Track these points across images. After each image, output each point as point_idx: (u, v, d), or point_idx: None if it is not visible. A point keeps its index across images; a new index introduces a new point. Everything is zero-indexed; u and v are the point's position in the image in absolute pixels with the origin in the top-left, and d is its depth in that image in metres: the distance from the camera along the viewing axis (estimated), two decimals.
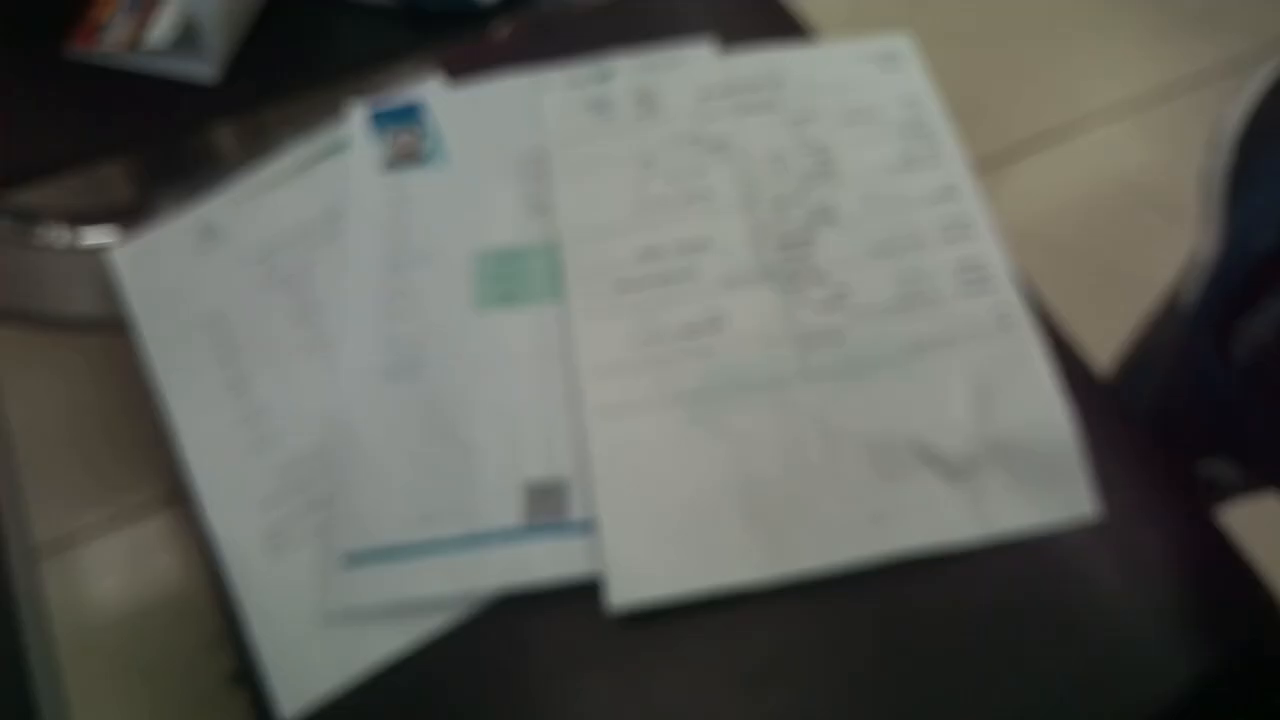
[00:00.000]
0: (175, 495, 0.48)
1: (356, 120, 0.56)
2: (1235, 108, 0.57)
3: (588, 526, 0.43)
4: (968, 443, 0.43)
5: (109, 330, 0.53)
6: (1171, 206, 1.10)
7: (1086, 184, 1.15)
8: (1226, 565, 0.44)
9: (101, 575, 0.85)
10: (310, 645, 0.43)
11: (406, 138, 0.55)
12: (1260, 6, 1.31)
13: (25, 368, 0.92)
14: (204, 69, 0.62)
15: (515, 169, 0.53)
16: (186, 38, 0.62)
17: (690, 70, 0.55)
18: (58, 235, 0.56)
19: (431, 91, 0.57)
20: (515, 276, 0.50)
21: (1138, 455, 0.45)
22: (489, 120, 0.55)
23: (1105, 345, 0.62)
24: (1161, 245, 0.62)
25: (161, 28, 0.62)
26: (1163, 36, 1.29)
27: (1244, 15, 1.30)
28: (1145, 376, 0.56)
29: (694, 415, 0.45)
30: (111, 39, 0.63)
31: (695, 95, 0.54)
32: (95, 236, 0.55)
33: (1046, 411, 0.44)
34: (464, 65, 0.58)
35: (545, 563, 0.43)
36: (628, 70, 0.56)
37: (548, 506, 0.44)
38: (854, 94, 0.53)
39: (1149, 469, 0.45)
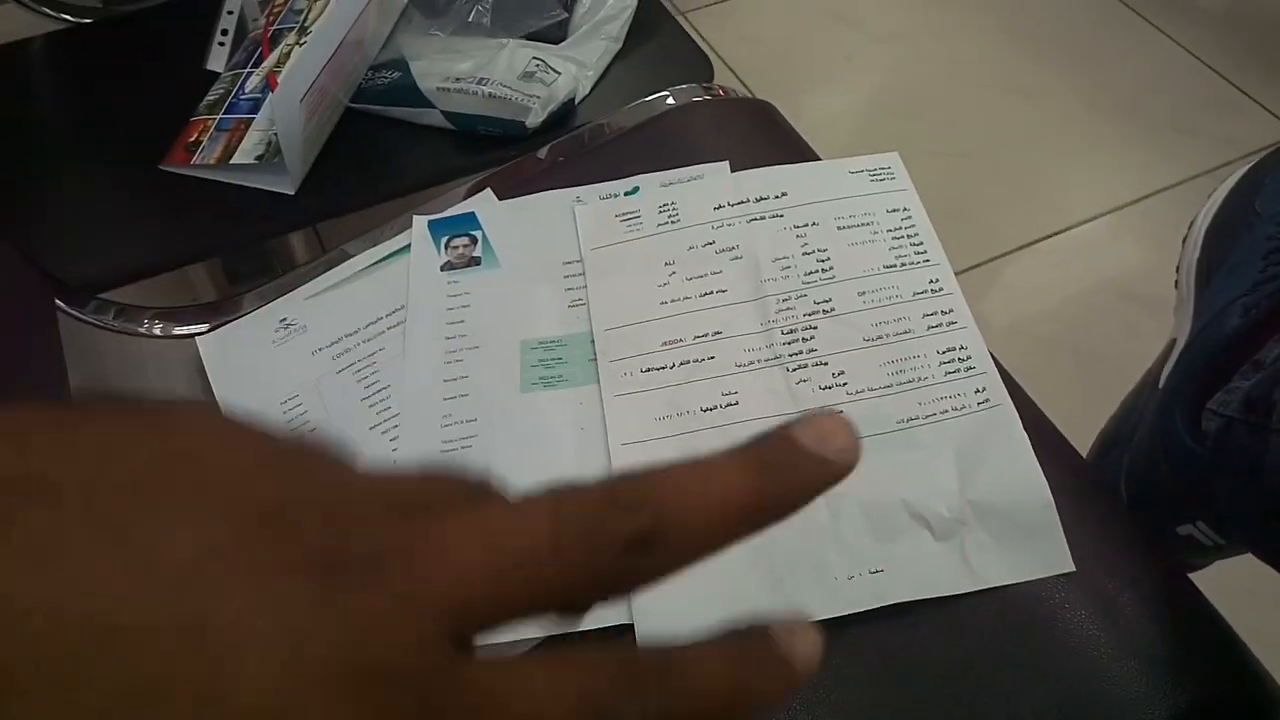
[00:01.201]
0: None
1: (417, 228, 0.64)
2: (1206, 207, 0.64)
3: None
4: (954, 507, 0.49)
5: None
6: (1150, 301, 1.17)
7: (1069, 282, 1.22)
8: (1197, 616, 0.49)
9: None
10: None
11: (461, 243, 0.63)
12: (1230, 118, 1.40)
13: None
14: (284, 182, 0.71)
15: (556, 270, 0.61)
16: (269, 155, 0.71)
17: (707, 185, 0.63)
18: (153, 325, 0.63)
19: (483, 203, 0.65)
20: (556, 363, 0.57)
21: (1111, 517, 0.51)
22: (533, 228, 0.63)
23: (1089, 426, 0.68)
24: (1140, 337, 0.68)
25: (248, 147, 0.71)
26: (1138, 147, 1.37)
27: (1215, 127, 1.39)
28: (1124, 448, 0.61)
29: None
30: (204, 156, 0.72)
31: (711, 206, 0.61)
32: (186, 327, 0.63)
33: (1025, 478, 0.49)
34: (511, 181, 0.67)
35: None
36: (652, 185, 0.64)
37: None
38: (850, 204, 0.60)
39: (1122, 529, 0.51)
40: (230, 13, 0.85)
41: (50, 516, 0.13)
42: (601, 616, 0.47)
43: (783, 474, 0.18)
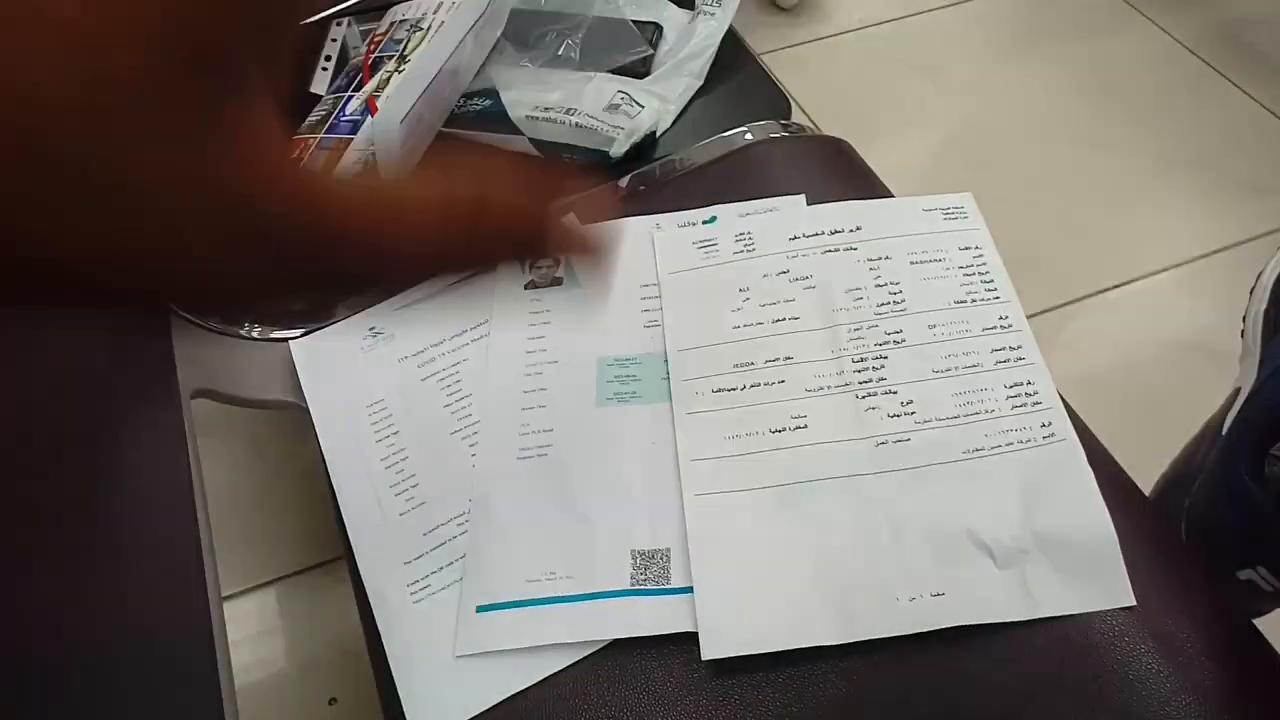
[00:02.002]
0: (338, 551, 0.57)
1: None
2: (1275, 259, 0.64)
3: (685, 590, 0.50)
4: (1016, 536, 0.50)
5: (290, 409, 0.64)
6: (1217, 355, 1.15)
7: (1135, 333, 1.21)
8: (1257, 658, 0.49)
9: (270, 620, 0.96)
10: (444, 683, 0.50)
11: (545, 265, 0.66)
12: None
13: (222, 439, 1.05)
14: None
15: (634, 292, 0.64)
16: (368, 173, 0.75)
17: (783, 217, 0.65)
18: (252, 329, 0.67)
19: None
20: (630, 380, 0.59)
21: (1173, 556, 0.51)
22: (614, 252, 0.66)
23: (1151, 474, 0.68)
24: (1206, 389, 0.68)
25: (347, 165, 0.76)
26: (1210, 203, 1.36)
27: None
28: (1185, 492, 0.61)
29: (778, 501, 0.53)
30: None
31: (786, 237, 0.64)
32: (282, 331, 0.67)
33: (1088, 511, 0.50)
34: (595, 207, 0.69)
35: (648, 619, 0.50)
36: (730, 215, 0.67)
37: (652, 572, 0.52)
38: (923, 240, 0.62)
39: (1184, 568, 0.51)
40: (334, 40, 0.90)
41: None
42: (666, 624, 0.49)
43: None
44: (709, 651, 0.48)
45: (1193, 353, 1.18)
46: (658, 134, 0.79)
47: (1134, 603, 0.48)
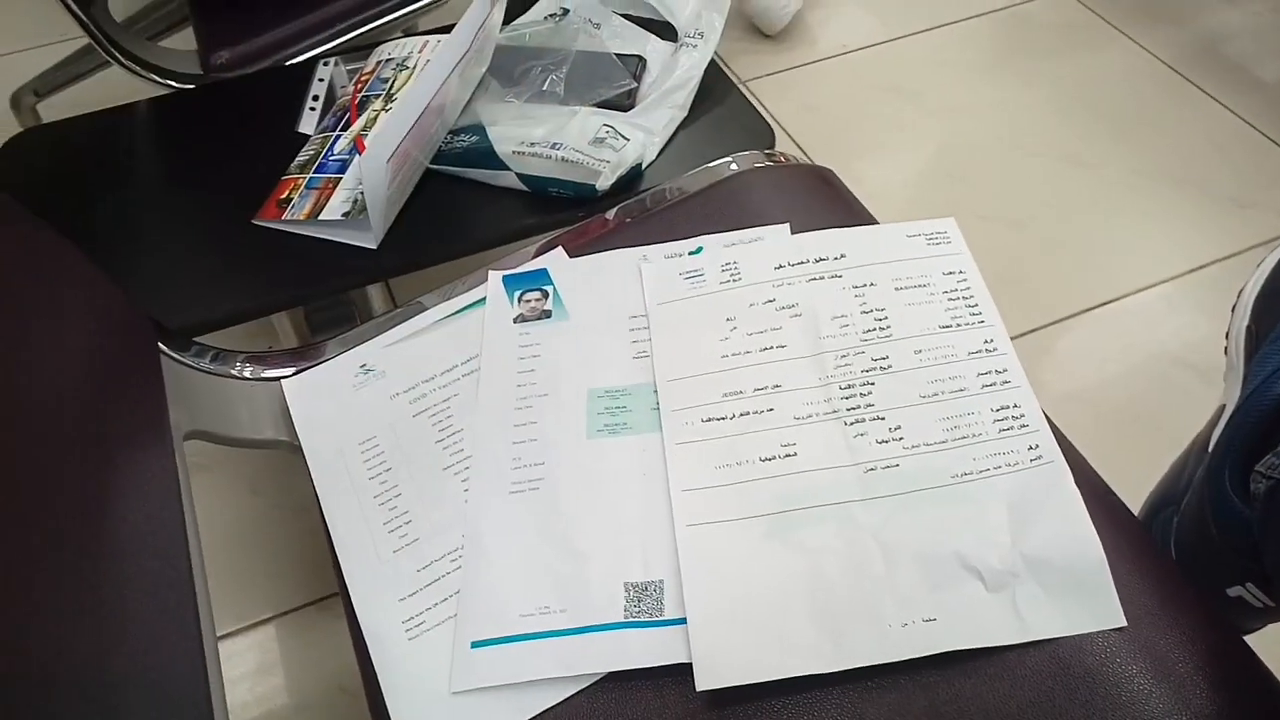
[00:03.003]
0: (334, 589, 0.57)
1: (492, 283, 0.68)
2: (1256, 275, 0.65)
3: (679, 621, 0.51)
4: (1006, 560, 0.50)
5: (283, 448, 0.64)
6: (1204, 369, 1.16)
7: (1122, 349, 1.22)
8: (1249, 676, 0.49)
9: (268, 657, 0.96)
10: (438, 718, 0.51)
11: (534, 297, 0.66)
12: None
13: (219, 476, 1.06)
14: (368, 238, 0.76)
15: (622, 324, 0.64)
16: (355, 212, 0.76)
17: (768, 246, 0.66)
18: (244, 368, 0.67)
19: (555, 260, 0.69)
20: (620, 411, 0.60)
21: (1163, 575, 0.52)
22: (601, 284, 0.66)
23: (1141, 491, 0.68)
24: (1194, 404, 0.69)
25: (335, 204, 0.76)
26: (1195, 218, 1.37)
27: (1274, 199, 1.38)
28: (1173, 510, 0.61)
29: (769, 530, 0.53)
30: (294, 212, 0.77)
31: (772, 266, 0.64)
32: (273, 370, 0.67)
33: (1077, 533, 0.51)
34: (581, 240, 0.70)
35: (642, 651, 0.50)
36: (715, 245, 0.67)
37: (645, 604, 0.52)
38: (907, 266, 0.63)
39: (1174, 588, 0.51)
40: (321, 80, 0.91)
41: None
42: (661, 656, 0.49)
43: None
44: (703, 682, 0.48)
45: (1181, 368, 1.19)
46: (643, 166, 0.80)
47: (1124, 624, 0.48)
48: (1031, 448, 0.54)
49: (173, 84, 0.96)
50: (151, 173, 0.87)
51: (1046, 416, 0.56)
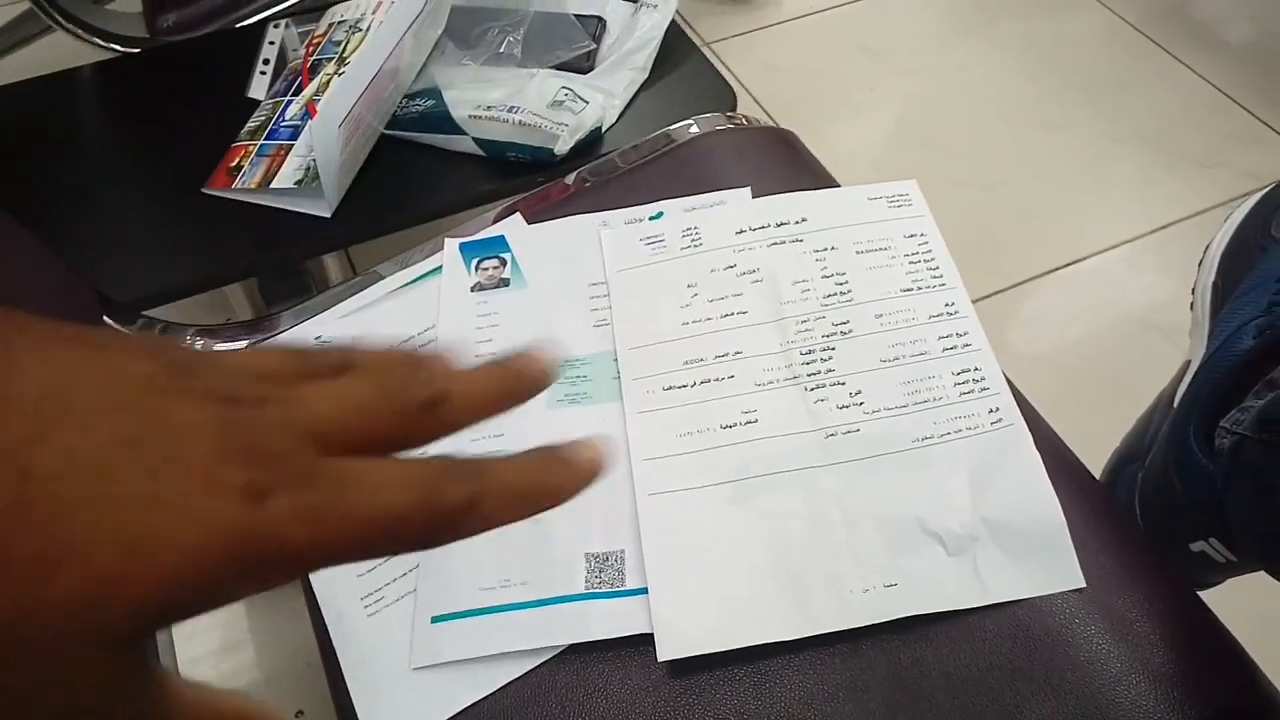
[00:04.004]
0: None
1: (449, 250, 0.66)
2: (1222, 231, 0.65)
3: (641, 591, 0.50)
4: (966, 523, 0.50)
5: None
6: (1168, 328, 1.17)
7: (1088, 309, 1.23)
8: (1208, 634, 0.50)
9: (232, 635, 0.95)
10: (401, 695, 0.50)
11: (491, 265, 0.65)
12: (1253, 151, 1.40)
13: None
14: (321, 206, 0.74)
15: (582, 291, 0.63)
16: (307, 180, 0.74)
17: (729, 210, 0.65)
18: (195, 342, 0.66)
19: (512, 227, 0.67)
20: (582, 380, 0.59)
21: (1123, 536, 0.52)
22: (560, 251, 0.65)
23: (1106, 450, 0.69)
24: (1158, 363, 0.69)
25: (287, 172, 0.74)
26: (1160, 179, 1.38)
27: (1238, 159, 1.39)
28: (1138, 466, 0.62)
29: (730, 498, 0.52)
30: (245, 181, 0.75)
31: (733, 231, 0.63)
32: (226, 344, 0.65)
33: (1036, 495, 0.51)
34: (539, 206, 0.69)
35: (604, 622, 0.50)
36: (676, 210, 0.66)
37: (606, 575, 0.51)
38: (868, 229, 0.62)
39: (1134, 548, 0.52)
40: (272, 43, 0.89)
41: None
42: (622, 626, 0.49)
43: (520, 376, 0.25)
44: (665, 652, 0.48)
45: (1145, 328, 1.20)
46: (603, 129, 0.79)
47: (1084, 585, 0.48)
48: (992, 410, 0.54)
49: (117, 48, 0.93)
50: (97, 140, 0.84)
51: (1007, 379, 0.55)
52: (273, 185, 0.74)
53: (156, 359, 0.20)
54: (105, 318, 0.62)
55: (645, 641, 0.48)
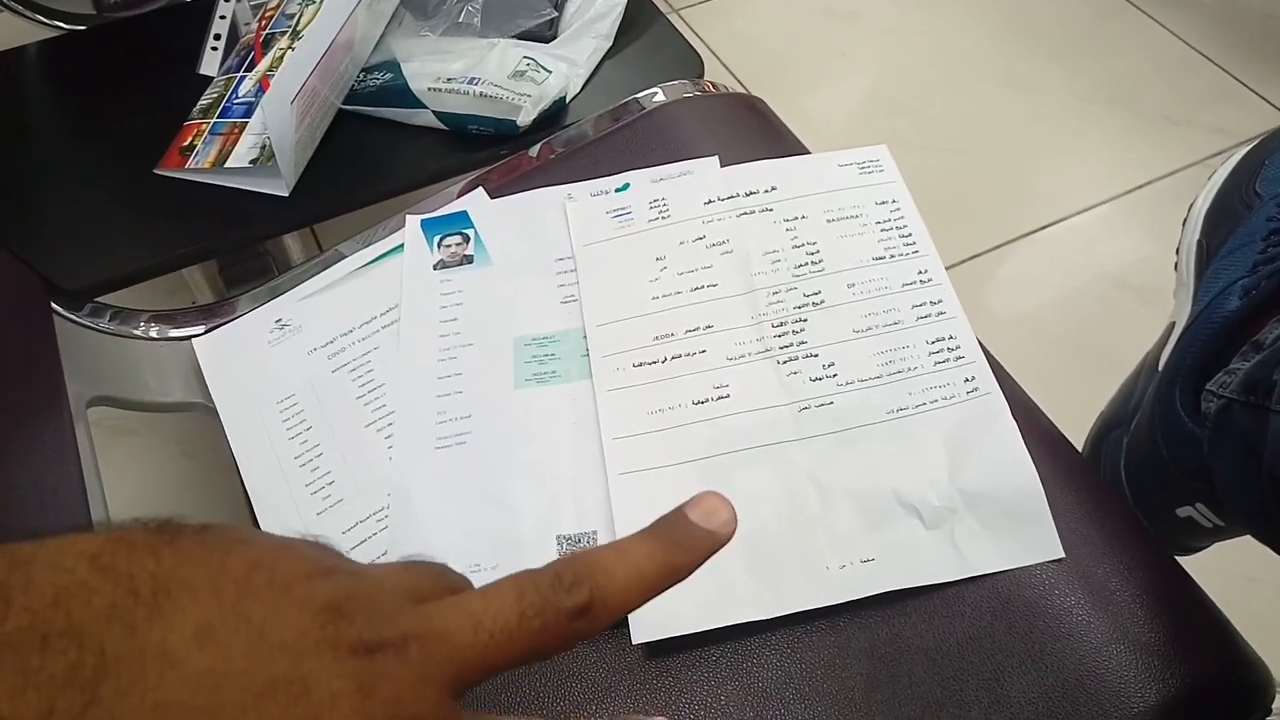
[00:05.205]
0: None
1: (410, 228, 0.64)
2: (1206, 189, 0.64)
3: None
4: (943, 496, 0.49)
5: (197, 409, 0.61)
6: (1145, 290, 1.17)
7: (1064, 272, 1.22)
8: (1187, 602, 0.49)
9: None
10: None
11: (454, 242, 0.63)
12: (1226, 108, 1.40)
13: (140, 441, 1.01)
14: (278, 185, 0.72)
15: (548, 267, 0.61)
16: (263, 159, 0.71)
17: (697, 180, 0.64)
18: (149, 328, 0.64)
19: (475, 202, 0.65)
20: (550, 359, 0.57)
21: (1101, 505, 0.51)
22: (525, 226, 0.63)
23: (1087, 415, 0.68)
24: (1137, 326, 0.68)
25: (242, 151, 0.72)
26: (1133, 138, 1.37)
27: (1211, 117, 1.39)
28: (1124, 430, 0.61)
29: (703, 475, 0.51)
30: (198, 160, 0.73)
31: (701, 201, 0.62)
32: (182, 329, 0.63)
33: (1014, 465, 0.50)
34: (503, 180, 0.67)
35: None
36: (643, 181, 0.65)
37: None
38: (839, 196, 0.60)
39: (1112, 516, 0.51)
40: (223, 18, 0.86)
41: (195, 603, 0.20)
42: None
43: (681, 548, 0.25)
44: (639, 635, 0.47)
45: (1121, 289, 1.19)
46: (567, 99, 0.77)
47: (1063, 555, 0.48)
48: (967, 379, 0.53)
49: (62, 25, 0.90)
50: (42, 121, 0.81)
51: (983, 347, 0.54)
52: (227, 165, 0.72)
53: (309, 607, 0.21)
54: (53, 305, 0.59)
55: (619, 625, 0.47)
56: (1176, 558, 0.51)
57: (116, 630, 0.19)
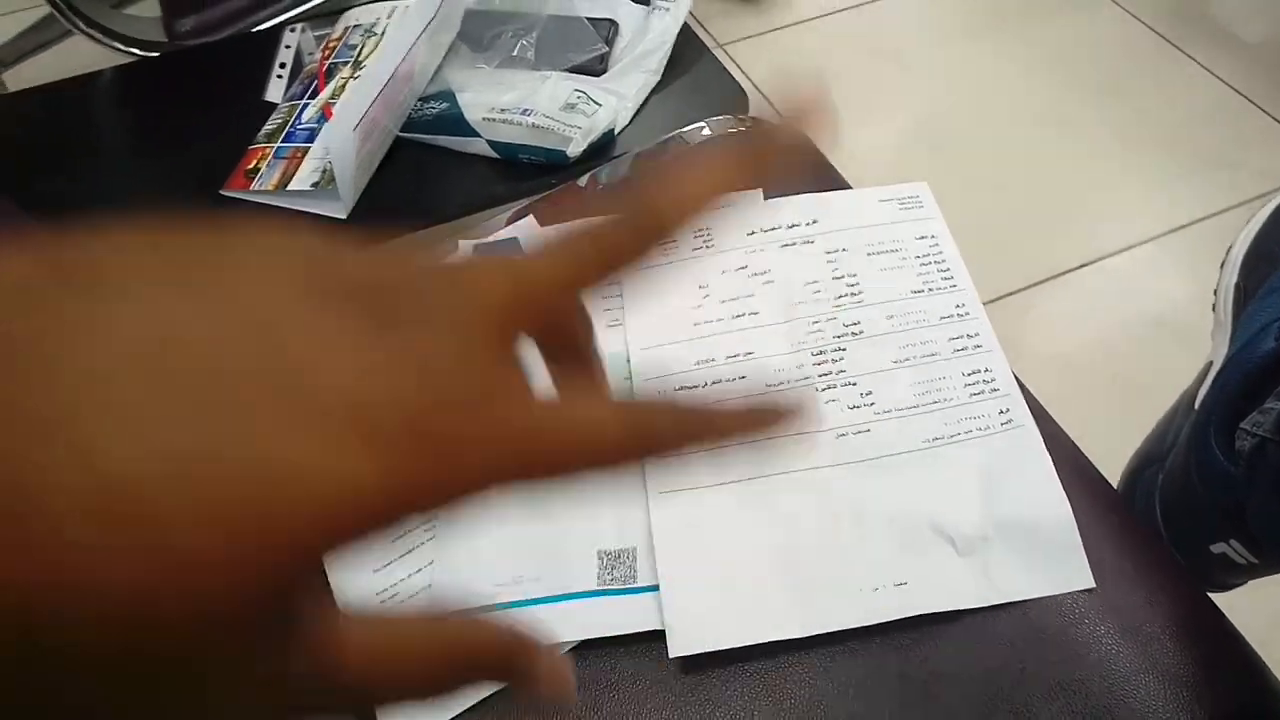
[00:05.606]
0: None
1: (462, 252, 0.67)
2: (1245, 231, 0.65)
3: (652, 589, 0.51)
4: (977, 524, 0.50)
5: None
6: (1182, 330, 1.17)
7: (1102, 311, 1.23)
8: (1217, 635, 0.50)
9: None
10: None
11: None
12: (1270, 151, 1.40)
13: None
14: (337, 208, 0.75)
15: (594, 292, 0.63)
16: (324, 182, 0.74)
17: (740, 212, 0.65)
18: None
19: (525, 229, 0.68)
20: None
21: (1133, 537, 0.52)
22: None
23: (1121, 452, 0.69)
24: (1173, 365, 0.69)
25: (303, 174, 0.75)
26: (1173, 180, 1.37)
27: (1254, 159, 1.39)
28: (1159, 467, 0.62)
29: (742, 498, 0.53)
30: (262, 183, 0.76)
31: (744, 232, 0.64)
32: None
33: (1047, 496, 0.51)
34: (553, 208, 0.69)
35: (616, 619, 0.50)
36: None
37: (619, 572, 0.52)
38: (879, 231, 0.62)
39: (1144, 549, 0.52)
40: (288, 47, 0.89)
41: (138, 275, 0.16)
42: (634, 623, 0.49)
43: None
44: (676, 649, 0.48)
45: (1159, 330, 1.20)
46: (615, 131, 0.79)
47: (1093, 585, 0.48)
48: (1002, 411, 0.54)
49: (136, 51, 0.94)
50: (116, 143, 0.86)
51: (1019, 380, 0.56)
52: (290, 187, 0.75)
53: (294, 256, 0.17)
54: None
55: (656, 638, 0.49)
56: (1209, 594, 0.52)
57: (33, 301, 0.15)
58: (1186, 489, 0.59)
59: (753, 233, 0.64)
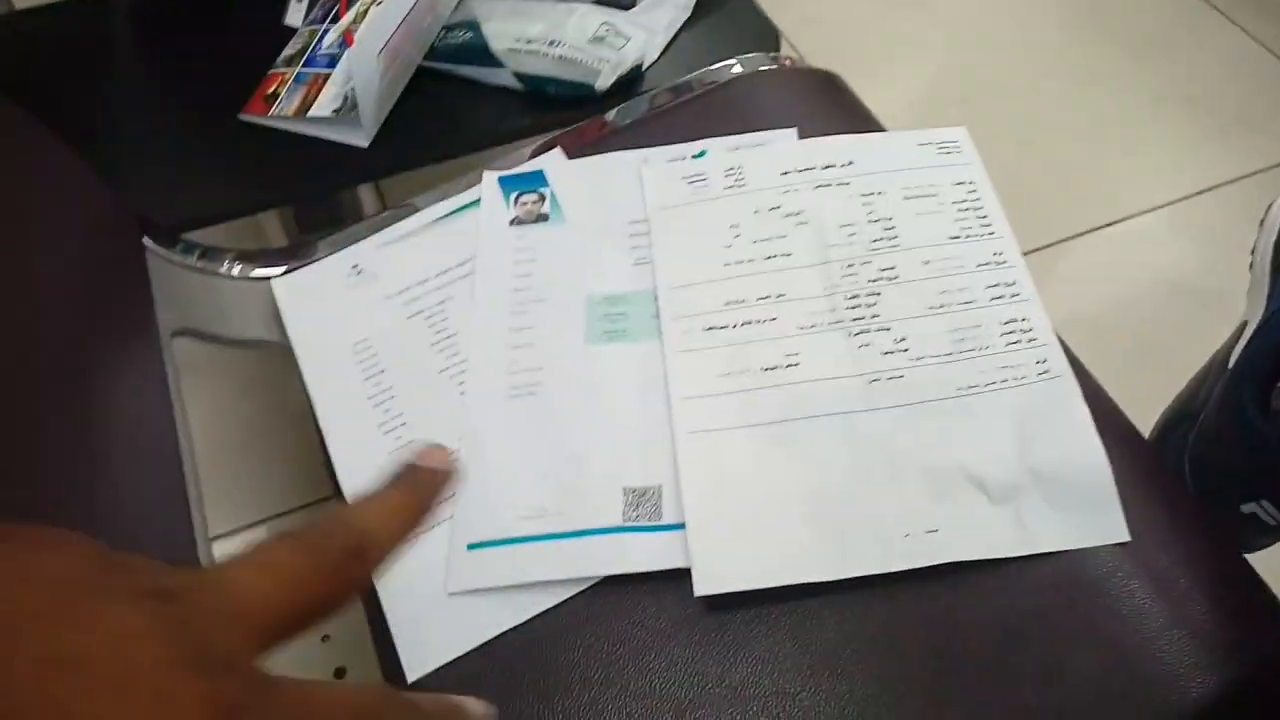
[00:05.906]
0: (327, 492, 0.57)
1: (488, 183, 0.65)
2: None
3: (678, 527, 0.50)
4: (1011, 472, 0.50)
5: (273, 348, 0.62)
6: (1204, 293, 1.15)
7: (1124, 272, 1.21)
8: (1250, 593, 0.49)
9: None
10: (436, 620, 0.50)
11: (530, 200, 0.64)
12: None
13: (209, 378, 1.04)
14: (358, 136, 0.73)
15: (622, 228, 0.62)
16: (345, 110, 0.73)
17: (774, 151, 0.64)
18: (232, 266, 0.65)
19: (552, 162, 0.66)
20: (620, 318, 0.58)
21: (1168, 493, 0.51)
22: (600, 188, 0.64)
23: (1144, 414, 0.68)
24: (1193, 329, 0.68)
25: (324, 101, 0.73)
26: (1204, 140, 1.34)
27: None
28: (1189, 426, 0.61)
29: (771, 438, 0.52)
30: (282, 108, 0.74)
31: (778, 172, 0.62)
32: (263, 269, 0.65)
33: (1083, 447, 0.50)
34: (579, 142, 0.68)
35: (640, 555, 0.50)
36: (719, 149, 0.65)
37: (644, 509, 0.51)
38: (916, 175, 0.61)
39: (1179, 505, 0.51)
40: None
41: None
42: (659, 560, 0.49)
43: (422, 487, 0.27)
44: (701, 588, 0.48)
45: (1182, 292, 1.18)
46: (644, 67, 0.77)
47: (1129, 538, 0.48)
48: (1039, 361, 0.53)
49: None
50: (133, 65, 0.84)
51: (1054, 332, 0.54)
52: (310, 114, 0.73)
53: (81, 557, 0.20)
54: (146, 240, 0.61)
55: (681, 576, 0.48)
56: None
57: None
58: (1218, 448, 0.58)
59: (787, 172, 0.62)
